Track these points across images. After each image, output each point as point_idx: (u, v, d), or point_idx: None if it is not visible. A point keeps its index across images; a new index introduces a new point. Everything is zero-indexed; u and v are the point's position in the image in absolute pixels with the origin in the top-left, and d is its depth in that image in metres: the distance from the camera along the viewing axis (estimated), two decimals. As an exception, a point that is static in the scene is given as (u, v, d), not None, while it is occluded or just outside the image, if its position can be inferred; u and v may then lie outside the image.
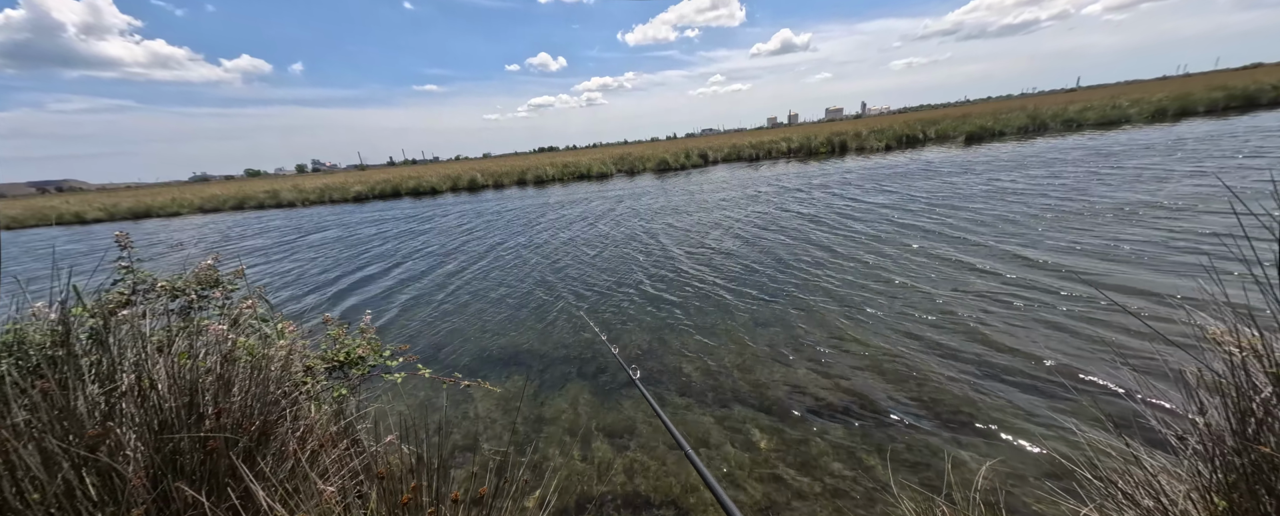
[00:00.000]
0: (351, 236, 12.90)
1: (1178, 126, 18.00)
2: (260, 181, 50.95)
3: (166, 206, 27.64)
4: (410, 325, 5.49)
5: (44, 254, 14.61)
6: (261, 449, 1.53)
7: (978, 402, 2.98)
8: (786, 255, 6.72)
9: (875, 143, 25.35)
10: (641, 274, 6.60)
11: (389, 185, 26.86)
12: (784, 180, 15.79)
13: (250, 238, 14.73)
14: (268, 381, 1.72)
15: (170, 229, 19.99)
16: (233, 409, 1.56)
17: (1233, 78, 29.17)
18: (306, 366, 2.00)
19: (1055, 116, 24.17)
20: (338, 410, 2.06)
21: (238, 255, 11.59)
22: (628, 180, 22.88)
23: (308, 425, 1.78)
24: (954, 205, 8.69)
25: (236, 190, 31.79)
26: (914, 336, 3.92)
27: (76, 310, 1.72)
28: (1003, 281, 4.83)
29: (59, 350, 1.39)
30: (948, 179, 11.87)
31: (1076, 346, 3.47)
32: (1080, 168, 11.14)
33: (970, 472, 2.35)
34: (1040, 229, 6.46)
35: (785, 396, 3.30)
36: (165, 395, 1.46)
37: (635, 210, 12.70)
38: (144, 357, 1.48)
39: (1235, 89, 22.87)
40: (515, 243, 9.78)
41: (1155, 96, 24.42)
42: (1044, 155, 14.28)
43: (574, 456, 2.88)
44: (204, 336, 1.68)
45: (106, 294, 1.91)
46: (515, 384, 3.82)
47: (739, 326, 4.51)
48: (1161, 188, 8.05)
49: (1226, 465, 1.20)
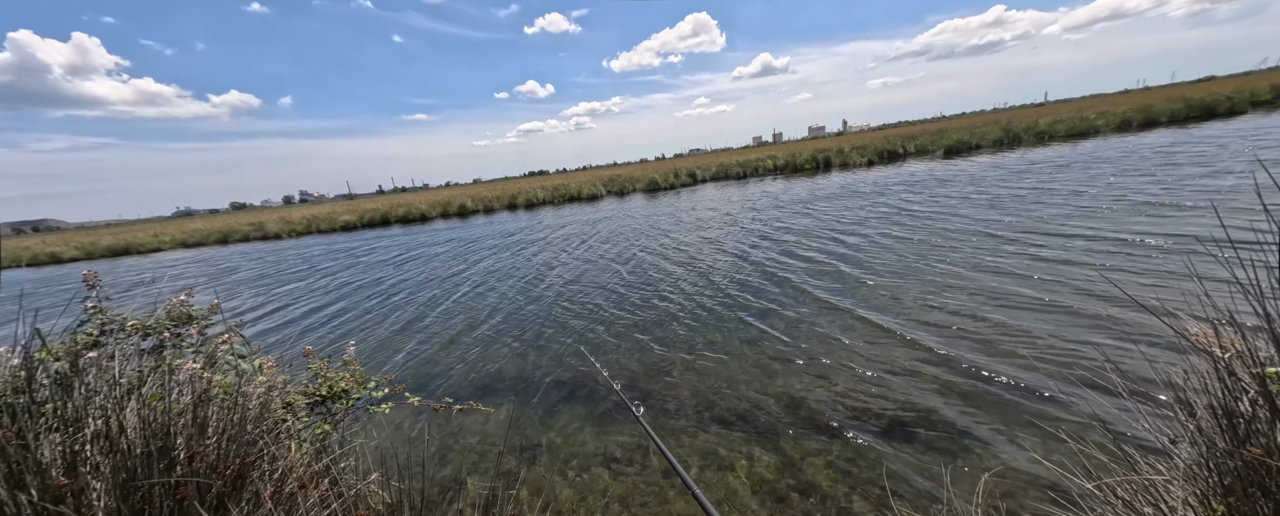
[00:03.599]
0: (317, 268, 12.72)
1: (1148, 136, 18.75)
2: (245, 214, 50.38)
3: (147, 243, 27.10)
4: (397, 355, 5.36)
5: (9, 297, 14.16)
6: (236, 494, 1.45)
7: (972, 414, 2.97)
8: (775, 269, 6.75)
9: (858, 158, 25.98)
10: (644, 291, 6.57)
11: (378, 213, 26.73)
12: (779, 196, 16.02)
13: (231, 271, 14.45)
14: (245, 421, 1.65)
15: (143, 267, 19.56)
16: (207, 452, 1.49)
17: (1189, 90, 30.67)
18: (286, 402, 1.93)
19: (1027, 129, 25.08)
20: (320, 448, 1.97)
21: (214, 289, 11.33)
22: (618, 201, 23.05)
23: (287, 465, 1.70)
24: (952, 212, 8.86)
25: (221, 224, 31.36)
26: (901, 344, 3.92)
27: (41, 354, 1.65)
28: (989, 289, 4.89)
29: (20, 397, 1.32)
30: (940, 188, 12.15)
31: (1064, 352, 3.49)
32: (1067, 174, 11.49)
33: (969, 485, 2.32)
34: (1023, 235, 6.60)
35: (782, 414, 3.25)
36: (135, 440, 1.39)
37: (626, 230, 12.74)
38: (112, 401, 1.42)
39: (1193, 100, 24.03)
40: (503, 266, 9.71)
41: (1119, 109, 25.53)
42: (1010, 165, 14.73)
43: (567, 485, 2.78)
44: (176, 376, 1.62)
45: (73, 336, 1.84)
46: (506, 411, 3.73)
47: (735, 345, 4.48)
48: (1163, 190, 8.31)
49: (1221, 468, 1.20)
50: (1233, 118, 20.98)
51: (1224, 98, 23.79)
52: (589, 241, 11.79)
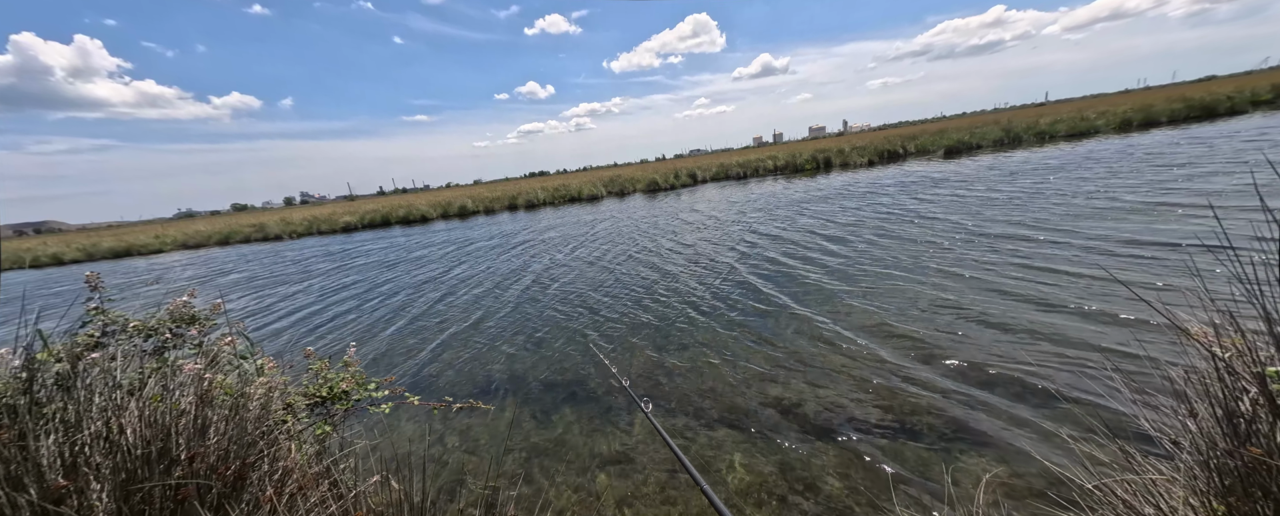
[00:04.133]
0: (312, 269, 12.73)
1: (1148, 136, 18.73)
2: (246, 215, 50.42)
3: (148, 244, 27.14)
4: (396, 355, 5.36)
5: (13, 297, 14.18)
6: (237, 495, 1.45)
7: (973, 414, 2.96)
8: (772, 270, 6.75)
9: (858, 158, 25.97)
10: (644, 293, 6.57)
11: (378, 214, 26.75)
12: (779, 196, 16.02)
13: (233, 271, 14.47)
14: (245, 422, 1.66)
15: (138, 268, 19.58)
16: (208, 453, 1.49)
17: (1190, 90, 30.62)
18: (286, 403, 1.93)
19: (1028, 129, 25.06)
20: (320, 449, 1.98)
21: (221, 290, 11.34)
22: (619, 201, 23.05)
23: (287, 467, 1.70)
24: (975, 211, 8.86)
25: (222, 225, 31.41)
26: (900, 346, 3.92)
27: (42, 355, 1.65)
28: (990, 289, 4.89)
29: (20, 398, 1.33)
30: (938, 189, 12.15)
31: (1064, 352, 3.49)
32: (1065, 174, 11.48)
33: (970, 486, 2.31)
34: (1022, 233, 6.60)
35: (781, 416, 3.25)
36: (135, 441, 1.39)
37: (626, 231, 12.75)
38: (113, 402, 1.42)
39: (1194, 100, 24.00)
40: (502, 267, 9.71)
41: (1120, 108, 25.50)
42: (1008, 166, 14.73)
43: (568, 486, 2.78)
44: (178, 376, 1.62)
45: (75, 337, 1.84)
46: (506, 411, 3.73)
47: (733, 346, 4.48)
48: (1166, 192, 8.30)
49: (1222, 468, 1.20)
50: (1233, 117, 20.96)
51: (1225, 98, 23.75)
52: (588, 243, 11.79)
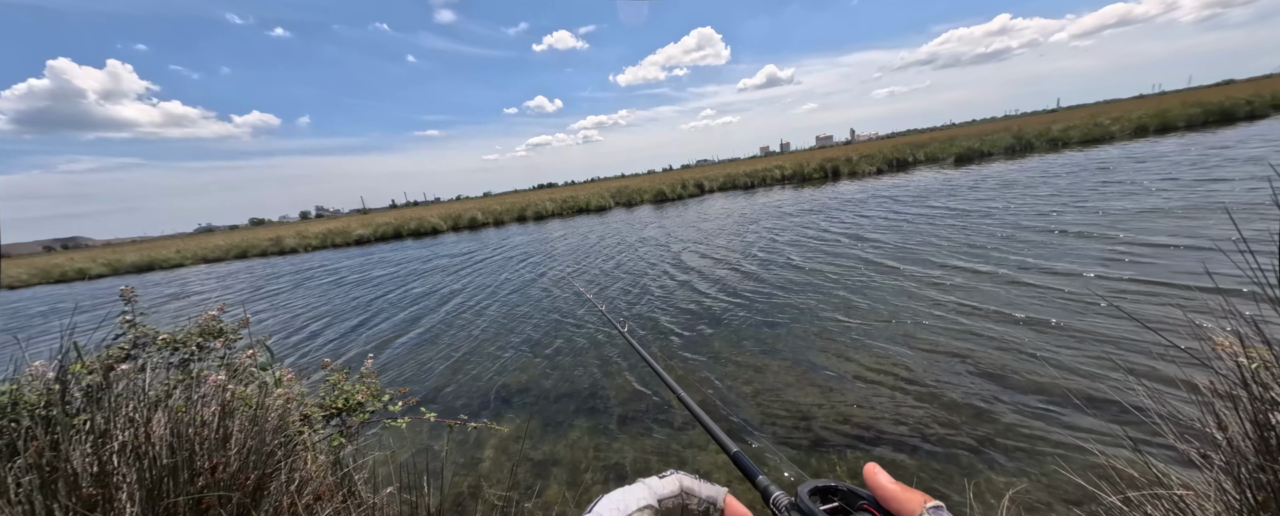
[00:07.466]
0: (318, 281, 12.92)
1: (1164, 142, 18.41)
2: (264, 229, 51.56)
3: (170, 258, 27.85)
4: (410, 367, 5.41)
5: (49, 311, 14.62)
6: (256, 504, 1.48)
7: (995, 429, 2.90)
8: (793, 273, 6.71)
9: (866, 167, 25.86)
10: (651, 306, 6.57)
11: (391, 227, 27.19)
12: (787, 207, 15.98)
13: (245, 284, 14.77)
14: (264, 432, 1.69)
15: (162, 281, 20.06)
16: (229, 462, 1.52)
17: (1206, 94, 30.10)
18: (304, 415, 1.96)
19: (1040, 136, 24.77)
20: (336, 460, 2.00)
21: (245, 303, 11.57)
22: (626, 212, 23.17)
23: (304, 477, 1.72)
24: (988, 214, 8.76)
25: (241, 239, 32.15)
26: (925, 357, 3.86)
27: (75, 367, 1.71)
28: (1010, 301, 4.80)
29: (53, 409, 1.37)
30: (950, 199, 12.03)
31: (1088, 364, 3.40)
32: (1081, 180, 11.31)
33: (992, 500, 2.25)
34: (1041, 243, 6.49)
35: (796, 428, 3.21)
36: (161, 451, 1.43)
37: (635, 243, 12.79)
38: (140, 413, 1.46)
39: (1211, 105, 23.57)
40: (512, 278, 9.78)
41: (1134, 114, 25.12)
42: (1018, 175, 14.55)
43: (582, 499, 2.76)
44: (202, 387, 1.66)
45: (107, 349, 1.90)
46: (521, 423, 3.73)
47: (750, 356, 4.45)
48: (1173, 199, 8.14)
49: (1254, 482, 1.16)
50: (1254, 122, 20.52)
51: (1244, 102, 23.30)
52: (597, 254, 11.85)
